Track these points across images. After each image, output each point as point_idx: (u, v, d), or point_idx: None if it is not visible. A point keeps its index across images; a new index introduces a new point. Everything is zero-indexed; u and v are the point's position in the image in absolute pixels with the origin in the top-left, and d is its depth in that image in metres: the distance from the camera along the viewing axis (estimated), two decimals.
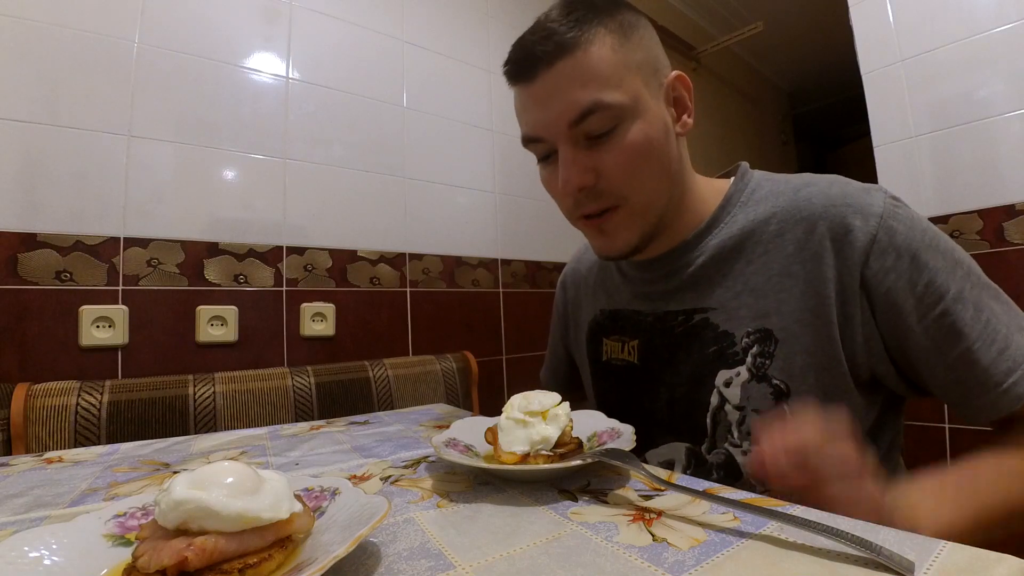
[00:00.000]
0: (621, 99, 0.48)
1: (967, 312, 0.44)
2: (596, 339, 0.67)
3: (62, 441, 0.82)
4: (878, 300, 0.46)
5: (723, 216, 0.56)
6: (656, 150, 0.50)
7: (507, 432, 0.44)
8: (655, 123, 0.50)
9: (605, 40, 0.48)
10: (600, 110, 0.47)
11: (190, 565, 0.23)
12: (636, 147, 0.49)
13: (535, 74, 0.49)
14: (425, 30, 1.50)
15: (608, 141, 0.49)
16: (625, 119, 0.48)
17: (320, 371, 1.11)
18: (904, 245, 0.46)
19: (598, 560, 0.27)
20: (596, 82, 0.47)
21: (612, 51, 0.48)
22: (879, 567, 0.24)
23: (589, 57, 0.47)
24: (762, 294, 0.50)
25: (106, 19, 0.99)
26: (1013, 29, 1.11)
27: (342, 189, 1.28)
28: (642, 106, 0.49)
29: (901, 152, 1.27)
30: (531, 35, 0.50)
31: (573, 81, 0.48)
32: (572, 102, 0.48)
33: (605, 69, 0.47)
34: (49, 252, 0.91)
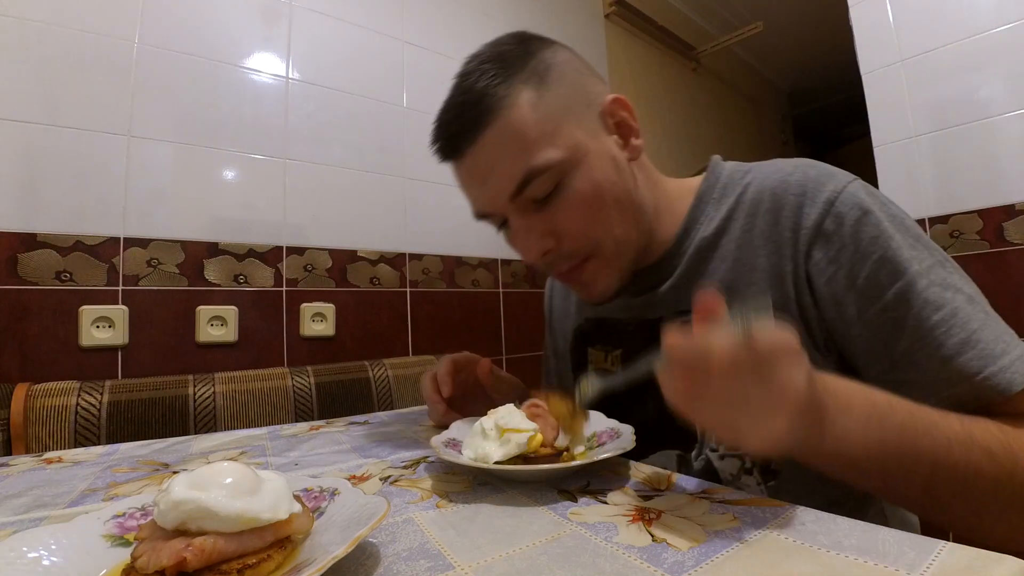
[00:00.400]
0: (555, 156, 0.45)
1: (913, 309, 0.40)
2: (581, 348, 0.65)
3: (62, 441, 0.82)
4: (819, 292, 0.44)
5: (698, 217, 0.54)
6: (609, 192, 0.48)
7: (471, 435, 0.44)
8: (601, 164, 0.48)
9: (522, 96, 0.45)
10: (536, 175, 0.45)
11: (189, 566, 0.23)
12: (587, 198, 0.47)
13: (462, 151, 0.47)
14: (425, 30, 1.50)
15: (557, 200, 0.47)
16: (567, 173, 0.46)
17: (320, 371, 1.11)
18: (850, 233, 0.43)
19: (597, 560, 0.27)
20: (524, 148, 0.45)
21: (532, 108, 0.45)
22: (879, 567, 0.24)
23: (510, 123, 0.45)
24: (736, 292, 0.49)
25: (106, 19, 0.99)
26: (1013, 29, 1.11)
27: (342, 189, 1.28)
28: (582, 152, 0.47)
29: (901, 152, 1.27)
30: (448, 111, 0.48)
31: (500, 153, 0.46)
32: (506, 175, 0.46)
33: (531, 131, 0.45)
34: (49, 252, 0.91)
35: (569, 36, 1.89)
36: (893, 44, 1.28)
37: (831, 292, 0.44)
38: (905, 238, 0.42)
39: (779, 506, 0.33)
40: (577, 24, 1.97)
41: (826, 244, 0.44)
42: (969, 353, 0.38)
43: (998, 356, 0.38)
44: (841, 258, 0.43)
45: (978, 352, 0.38)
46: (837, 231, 0.43)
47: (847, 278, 0.43)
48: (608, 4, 2.13)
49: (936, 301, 0.40)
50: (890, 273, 0.41)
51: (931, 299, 0.40)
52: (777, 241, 0.47)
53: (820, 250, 0.44)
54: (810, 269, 0.44)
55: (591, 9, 2.08)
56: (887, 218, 0.43)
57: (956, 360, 0.38)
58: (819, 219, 0.44)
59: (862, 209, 0.43)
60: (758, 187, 0.50)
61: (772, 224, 0.47)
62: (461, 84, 0.48)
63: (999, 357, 0.38)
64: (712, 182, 0.55)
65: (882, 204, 0.44)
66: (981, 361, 0.38)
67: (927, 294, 0.40)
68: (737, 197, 0.51)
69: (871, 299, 0.42)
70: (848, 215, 0.43)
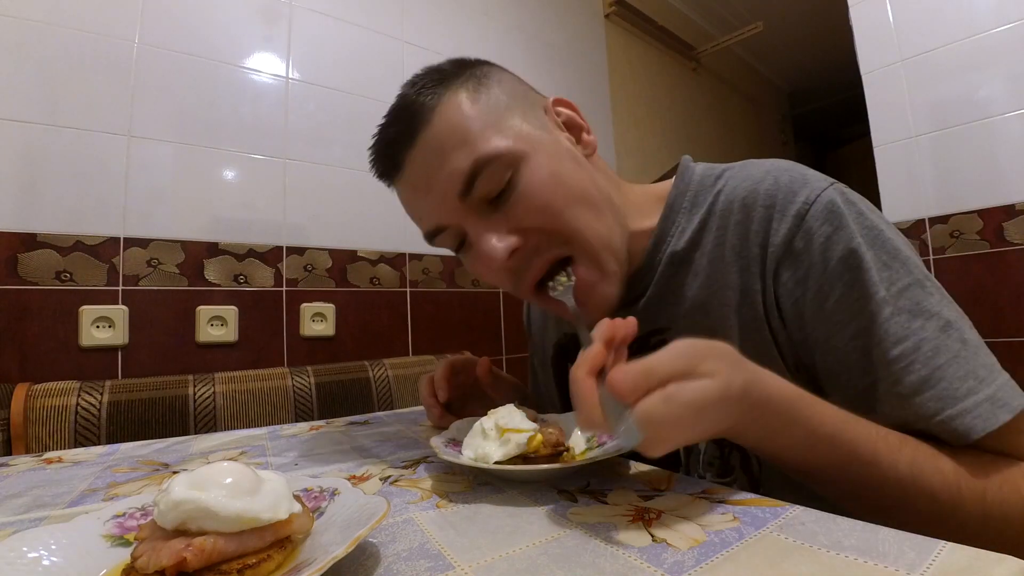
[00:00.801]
0: (502, 144, 0.42)
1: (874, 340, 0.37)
2: (561, 364, 0.64)
3: (62, 441, 0.82)
4: (787, 315, 0.41)
5: (669, 228, 0.49)
6: (570, 181, 0.44)
7: (471, 435, 0.44)
8: (556, 154, 0.45)
9: (458, 96, 0.43)
10: (485, 167, 0.42)
11: (189, 566, 0.23)
12: (546, 186, 0.42)
13: (401, 160, 0.45)
14: (425, 30, 1.50)
15: (512, 194, 0.42)
16: (519, 164, 0.42)
17: (320, 371, 1.11)
18: (819, 252, 0.39)
19: (597, 560, 0.27)
20: (467, 139, 0.42)
21: (472, 103, 0.43)
22: (879, 567, 0.24)
23: (449, 119, 0.42)
24: (708, 310, 0.46)
25: (106, 19, 1.00)
26: (1013, 29, 1.11)
27: (342, 189, 1.28)
28: (531, 142, 0.44)
29: (901, 152, 1.27)
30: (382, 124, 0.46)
31: (442, 150, 0.42)
32: (451, 172, 0.42)
33: (473, 123, 0.42)
34: (49, 252, 0.91)
35: (569, 36, 1.89)
36: (893, 44, 1.28)
37: (798, 314, 0.41)
38: (878, 255, 0.39)
39: (779, 506, 0.33)
40: (577, 24, 1.97)
41: (794, 264, 0.41)
42: (927, 393, 0.35)
43: (961, 397, 0.35)
44: (809, 280, 0.40)
45: (937, 392, 0.35)
46: (806, 249, 0.40)
47: (815, 301, 0.40)
48: (608, 4, 2.13)
49: (897, 334, 0.36)
50: (858, 298, 0.38)
51: (892, 331, 0.37)
52: (747, 257, 0.43)
53: (788, 270, 0.41)
54: (778, 289, 0.42)
55: (591, 9, 2.08)
56: (861, 231, 0.39)
57: (913, 399, 0.36)
58: (788, 236, 0.41)
59: (834, 223, 0.39)
60: (728, 195, 0.46)
61: (742, 238, 0.44)
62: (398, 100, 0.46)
63: (962, 399, 0.34)
64: (682, 189, 0.50)
65: (859, 214, 0.40)
66: (939, 403, 0.35)
67: (888, 325, 0.37)
68: (708, 207, 0.47)
69: (838, 324, 0.39)
70: (818, 232, 0.40)
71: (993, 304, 1.12)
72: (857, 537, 0.27)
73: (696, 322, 0.46)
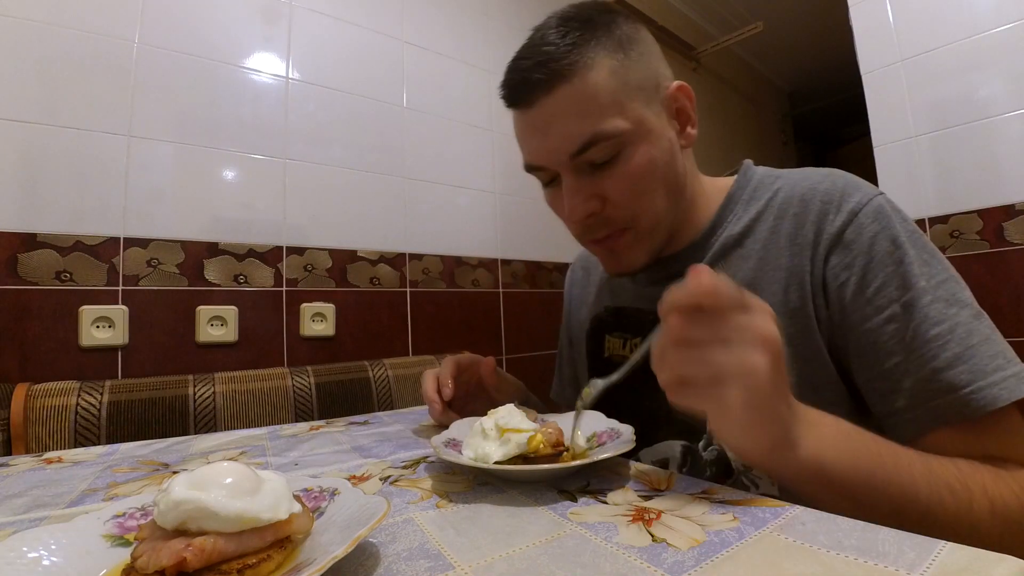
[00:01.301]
0: (623, 126, 0.47)
1: (914, 322, 0.41)
2: (598, 335, 0.66)
3: (62, 441, 0.82)
4: (830, 296, 0.46)
5: (727, 215, 0.56)
6: (661, 170, 0.49)
7: (471, 435, 0.44)
8: (659, 144, 0.49)
9: (603, 63, 0.46)
10: (601, 140, 0.46)
11: (189, 566, 0.23)
12: (641, 171, 0.48)
13: (533, 100, 0.48)
14: (425, 30, 1.50)
15: (612, 167, 0.48)
16: (628, 145, 0.48)
17: (320, 371, 1.11)
18: (868, 243, 0.45)
19: (597, 560, 0.27)
20: (596, 111, 0.46)
21: (611, 75, 0.46)
22: (879, 567, 0.24)
23: (587, 84, 0.46)
24: (757, 288, 0.50)
25: (106, 19, 0.99)
26: (1013, 29, 1.11)
27: (342, 189, 1.28)
28: (645, 128, 0.48)
29: (901, 152, 1.27)
30: (526, 58, 0.48)
31: (572, 111, 0.46)
32: (572, 134, 0.47)
33: (604, 96, 0.46)
34: (49, 252, 0.91)
35: None
36: (893, 44, 1.28)
37: (840, 297, 0.45)
38: (920, 253, 0.44)
39: (779, 506, 0.33)
40: None
41: (844, 250, 0.46)
42: (961, 367, 0.39)
43: (990, 372, 0.39)
44: (855, 265, 0.45)
45: (970, 367, 0.39)
46: (856, 239, 0.45)
47: (858, 285, 0.44)
48: None
49: (936, 317, 0.41)
50: (899, 286, 0.43)
51: (931, 315, 0.41)
52: (800, 243, 0.49)
53: (838, 255, 0.46)
54: (826, 272, 0.46)
55: None
56: (905, 233, 0.45)
57: (947, 372, 0.39)
58: (842, 226, 0.46)
59: (882, 223, 0.45)
60: (788, 192, 0.52)
61: (797, 227, 0.49)
62: (545, 35, 0.47)
63: (991, 373, 0.39)
64: (743, 184, 0.57)
65: (903, 219, 0.46)
66: (971, 375, 0.39)
67: (929, 310, 0.41)
68: (767, 200, 0.53)
69: (877, 308, 0.43)
70: (869, 226, 0.45)
71: (993, 304, 1.12)
72: (857, 537, 0.27)
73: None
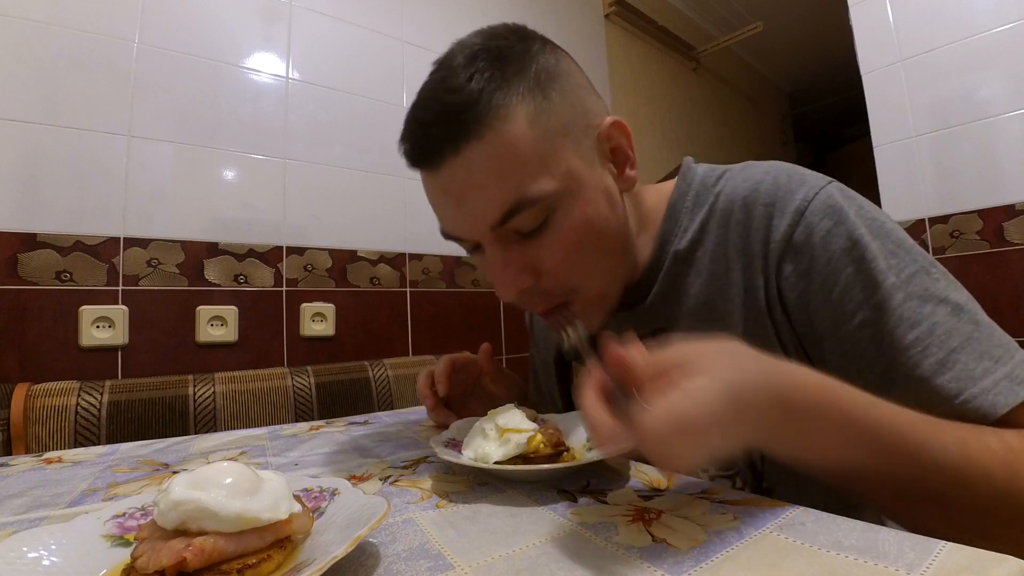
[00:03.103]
0: (551, 186, 0.40)
1: (887, 326, 0.37)
2: (564, 363, 0.64)
3: (62, 441, 0.82)
4: (791, 308, 0.42)
5: (672, 228, 0.50)
6: (599, 228, 0.43)
7: (471, 436, 0.44)
8: (594, 197, 0.43)
9: (519, 111, 0.39)
10: (526, 207, 0.40)
11: (189, 566, 0.23)
12: (577, 236, 0.42)
13: (439, 162, 0.40)
14: (425, 30, 1.50)
15: (542, 235, 0.42)
16: (558, 207, 0.41)
17: (320, 371, 1.11)
18: (821, 245, 0.40)
19: (597, 560, 0.27)
20: (516, 171, 0.39)
21: (529, 124, 0.39)
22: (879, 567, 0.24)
23: (502, 139, 0.39)
24: (713, 306, 0.46)
25: (106, 19, 1.00)
26: (1013, 29, 1.11)
27: (342, 189, 1.28)
28: (576, 183, 0.41)
29: (901, 152, 1.27)
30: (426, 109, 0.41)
31: (487, 173, 0.39)
32: (490, 202, 0.40)
33: (525, 152, 0.39)
34: (49, 252, 0.91)
35: (569, 36, 1.89)
36: (893, 44, 1.28)
37: (803, 307, 0.41)
38: (884, 245, 0.39)
39: (779, 506, 0.33)
40: (577, 24, 1.97)
41: (796, 257, 0.41)
42: (946, 375, 0.35)
43: (978, 378, 0.35)
44: (813, 272, 0.40)
45: (955, 374, 0.35)
46: (807, 242, 0.40)
47: (820, 292, 0.40)
48: (608, 4, 2.13)
49: (912, 318, 0.36)
50: (865, 287, 0.38)
51: (906, 316, 0.37)
52: (749, 254, 0.44)
53: (790, 263, 0.41)
54: (781, 283, 0.42)
55: (591, 9, 2.08)
56: (864, 223, 0.40)
57: (932, 382, 0.35)
58: (788, 231, 0.41)
59: (834, 218, 0.40)
60: (729, 195, 0.46)
61: (744, 236, 0.44)
62: (448, 79, 0.40)
63: (979, 379, 0.35)
64: (684, 190, 0.51)
65: (859, 208, 0.41)
66: (959, 384, 0.35)
67: (902, 310, 0.37)
68: (710, 207, 0.48)
69: (846, 315, 0.39)
70: (819, 225, 0.40)
71: (993, 304, 1.12)
72: (857, 537, 0.27)
73: (700, 319, 0.47)
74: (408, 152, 0.43)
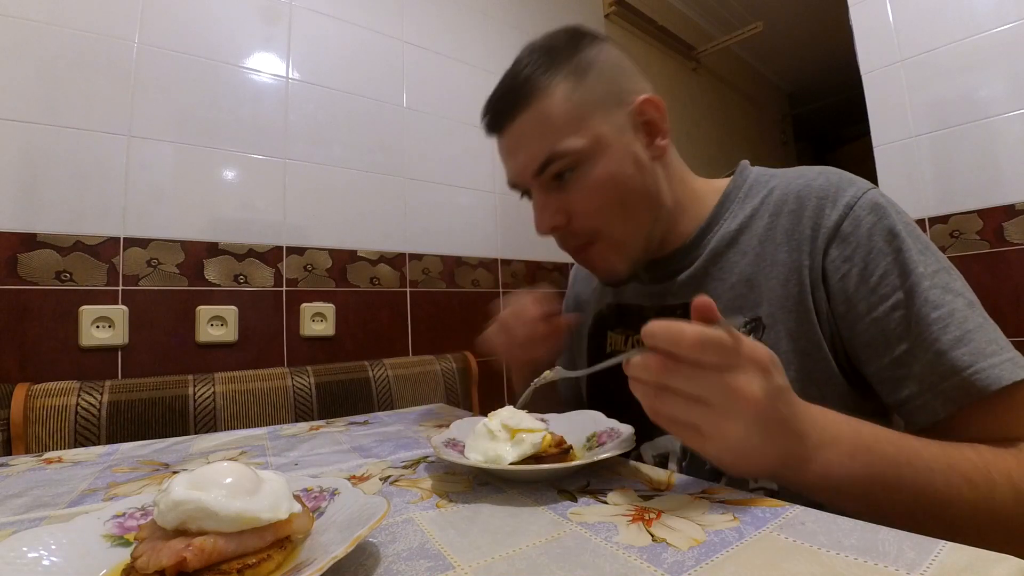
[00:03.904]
0: (578, 144, 0.50)
1: (915, 307, 0.43)
2: (600, 332, 0.67)
3: (62, 441, 0.82)
4: (832, 288, 0.47)
5: (722, 213, 0.57)
6: (623, 184, 0.51)
7: (476, 437, 0.44)
8: (620, 158, 0.51)
9: (560, 87, 0.51)
10: (557, 159, 0.50)
11: (189, 565, 0.23)
12: (600, 185, 0.51)
13: (502, 127, 0.54)
14: (425, 30, 1.50)
15: (574, 182, 0.52)
16: (585, 161, 0.51)
17: (320, 371, 1.11)
18: (866, 235, 0.46)
19: (597, 560, 0.27)
20: (551, 132, 0.50)
21: (566, 98, 0.50)
22: (879, 567, 0.24)
23: (543, 110, 0.51)
24: (755, 284, 0.51)
25: (106, 19, 0.99)
26: (1013, 29, 1.11)
27: (342, 189, 1.28)
28: (603, 145, 0.51)
29: (901, 152, 1.27)
30: (496, 92, 0.54)
31: (531, 133, 0.52)
32: (532, 154, 0.52)
33: (558, 119, 0.50)
34: (49, 252, 0.91)
35: None
36: (893, 44, 1.28)
37: (843, 288, 0.46)
38: (915, 243, 0.45)
39: (779, 506, 0.33)
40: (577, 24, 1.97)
41: (843, 243, 0.47)
42: (962, 348, 0.41)
43: (989, 355, 0.40)
44: (855, 257, 0.46)
45: (971, 348, 0.40)
46: (854, 232, 0.46)
47: (860, 276, 0.45)
48: (608, 4, 2.13)
49: (936, 300, 0.42)
50: (900, 274, 0.44)
51: (932, 299, 0.42)
52: (797, 238, 0.50)
53: (837, 248, 0.47)
54: (826, 266, 0.47)
55: (591, 9, 2.08)
56: (901, 224, 0.46)
57: (950, 354, 0.41)
58: (838, 220, 0.47)
59: (878, 214, 0.46)
60: (783, 189, 0.53)
61: (794, 223, 0.50)
62: (512, 69, 0.54)
63: (990, 356, 0.40)
64: (739, 183, 0.58)
65: (897, 211, 0.47)
66: (972, 356, 0.40)
67: (929, 294, 0.42)
68: (762, 198, 0.55)
69: (881, 297, 0.44)
70: (865, 218, 0.46)
71: (993, 304, 1.11)
72: (857, 537, 0.27)
73: (741, 295, 0.52)
74: (485, 123, 0.56)
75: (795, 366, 0.48)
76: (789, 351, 0.48)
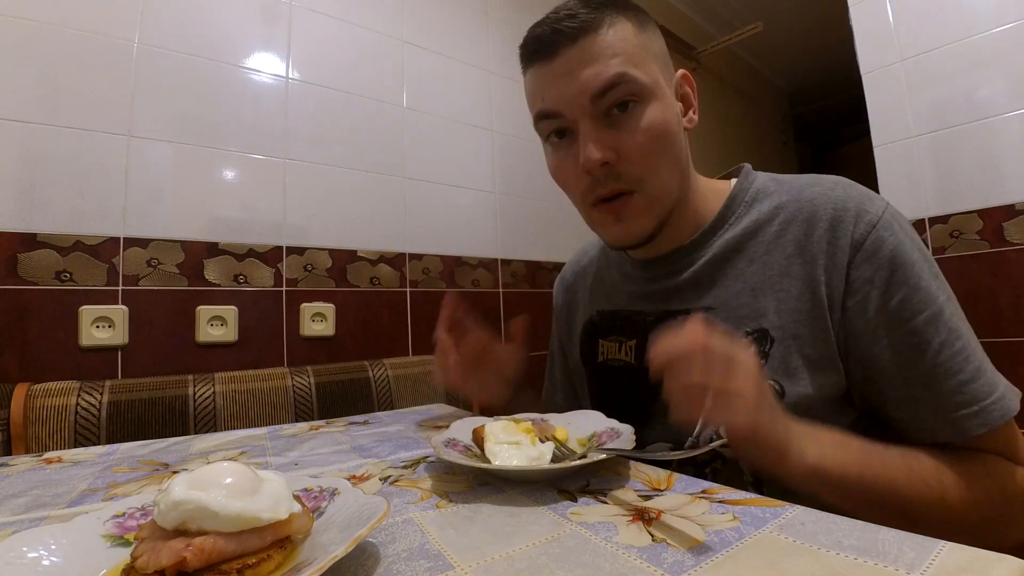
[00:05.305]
0: (644, 78, 0.49)
1: (939, 336, 0.44)
2: (591, 340, 0.66)
3: (62, 441, 0.82)
4: (850, 307, 0.47)
5: (728, 216, 0.56)
6: (671, 136, 0.51)
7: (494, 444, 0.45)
8: (671, 109, 0.51)
9: (626, 24, 0.50)
10: (625, 83, 0.48)
11: (189, 565, 0.23)
12: (655, 129, 0.49)
13: (556, 51, 0.49)
14: (425, 30, 1.50)
15: (629, 120, 0.49)
16: (645, 98, 0.49)
17: (320, 371, 1.11)
18: (888, 258, 0.46)
19: (597, 560, 0.27)
20: (622, 57, 0.48)
21: (634, 34, 0.50)
22: (879, 567, 0.24)
23: (613, 36, 0.49)
24: (761, 293, 0.50)
25: (106, 19, 0.99)
26: (1013, 29, 1.11)
27: (342, 189, 1.28)
28: (660, 90, 0.50)
29: (901, 152, 1.27)
30: (552, 17, 0.50)
31: (598, 55, 0.48)
32: (597, 73, 0.48)
33: (629, 47, 0.49)
34: (49, 252, 0.91)
35: None
36: (893, 44, 1.28)
37: (862, 310, 0.46)
38: (930, 268, 0.46)
39: (779, 506, 0.33)
40: None
41: (865, 263, 0.46)
42: (981, 380, 0.43)
43: (995, 388, 0.44)
44: (876, 279, 0.46)
45: (986, 381, 0.43)
46: (876, 254, 0.46)
47: (880, 299, 0.46)
48: None
49: (957, 330, 0.44)
50: (921, 301, 0.45)
51: (954, 328, 0.44)
52: (812, 251, 0.49)
53: (858, 269, 0.46)
54: (848, 284, 0.47)
55: None
56: (915, 249, 0.47)
57: (971, 385, 0.43)
58: (861, 239, 0.47)
59: (899, 238, 0.46)
60: (795, 197, 0.52)
61: (807, 234, 0.50)
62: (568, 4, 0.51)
63: (995, 389, 0.44)
64: (745, 187, 0.57)
65: (911, 236, 0.48)
66: (988, 388, 0.43)
67: (952, 323, 0.44)
68: (771, 205, 0.54)
69: (900, 321, 0.45)
70: (888, 240, 0.46)
71: (993, 304, 1.12)
72: (857, 537, 0.27)
73: (744, 302, 0.51)
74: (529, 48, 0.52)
75: (806, 380, 0.47)
76: (801, 366, 0.47)
